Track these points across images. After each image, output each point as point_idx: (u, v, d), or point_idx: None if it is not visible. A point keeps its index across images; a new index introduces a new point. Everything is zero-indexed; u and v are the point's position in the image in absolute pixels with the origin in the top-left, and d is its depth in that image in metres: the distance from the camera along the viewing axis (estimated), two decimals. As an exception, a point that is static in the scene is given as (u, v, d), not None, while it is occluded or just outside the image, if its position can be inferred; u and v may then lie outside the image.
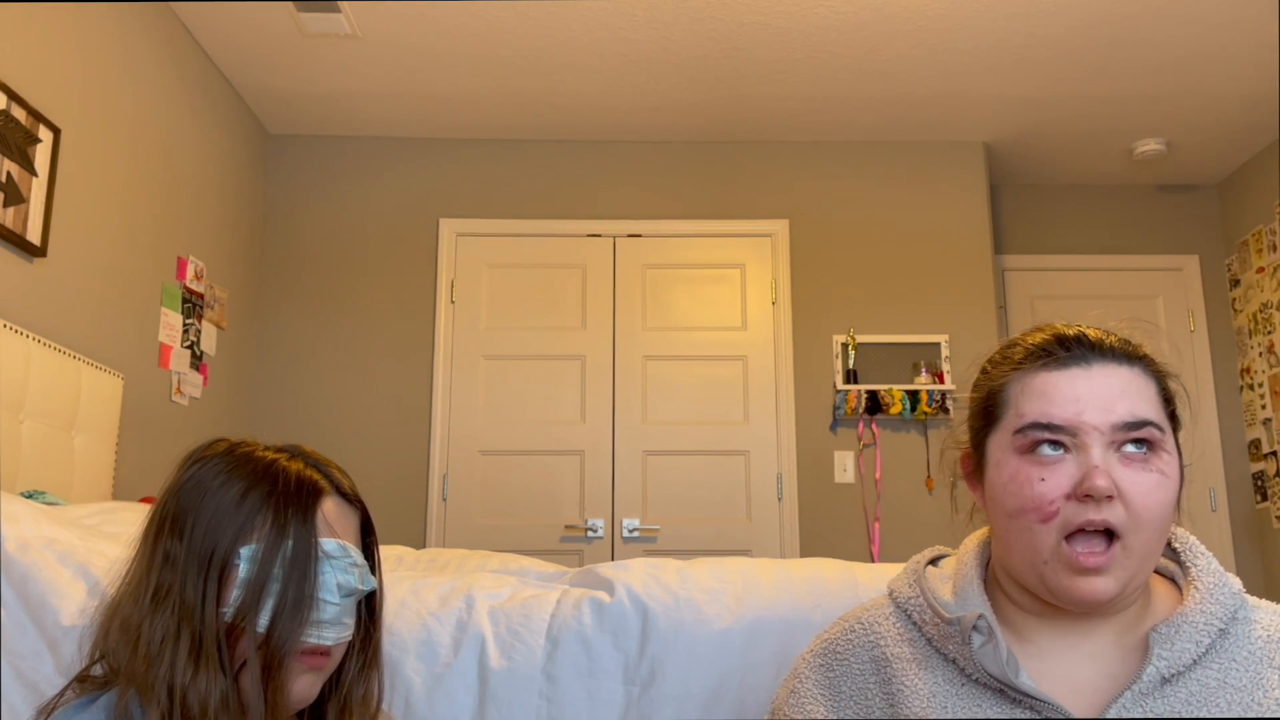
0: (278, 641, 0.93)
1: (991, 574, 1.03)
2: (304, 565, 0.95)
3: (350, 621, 0.99)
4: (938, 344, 4.29)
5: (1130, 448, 0.91)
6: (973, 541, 1.07)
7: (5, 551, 1.33)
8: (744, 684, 1.30)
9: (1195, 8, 3.43)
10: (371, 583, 1.02)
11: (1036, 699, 0.91)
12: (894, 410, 4.18)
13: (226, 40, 3.69)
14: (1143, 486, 0.90)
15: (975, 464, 1.02)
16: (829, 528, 4.15)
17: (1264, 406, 4.47)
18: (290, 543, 0.96)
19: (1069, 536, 0.90)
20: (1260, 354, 4.50)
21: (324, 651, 0.98)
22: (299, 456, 1.04)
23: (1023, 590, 0.97)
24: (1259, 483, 4.51)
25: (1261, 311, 4.49)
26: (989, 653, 0.94)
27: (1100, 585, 0.89)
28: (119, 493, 3.04)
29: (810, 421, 4.25)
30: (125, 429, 3.13)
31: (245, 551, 0.95)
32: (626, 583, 1.37)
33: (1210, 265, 4.80)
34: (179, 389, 3.54)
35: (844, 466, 4.21)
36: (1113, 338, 0.97)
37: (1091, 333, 0.97)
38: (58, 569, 1.34)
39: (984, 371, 1.03)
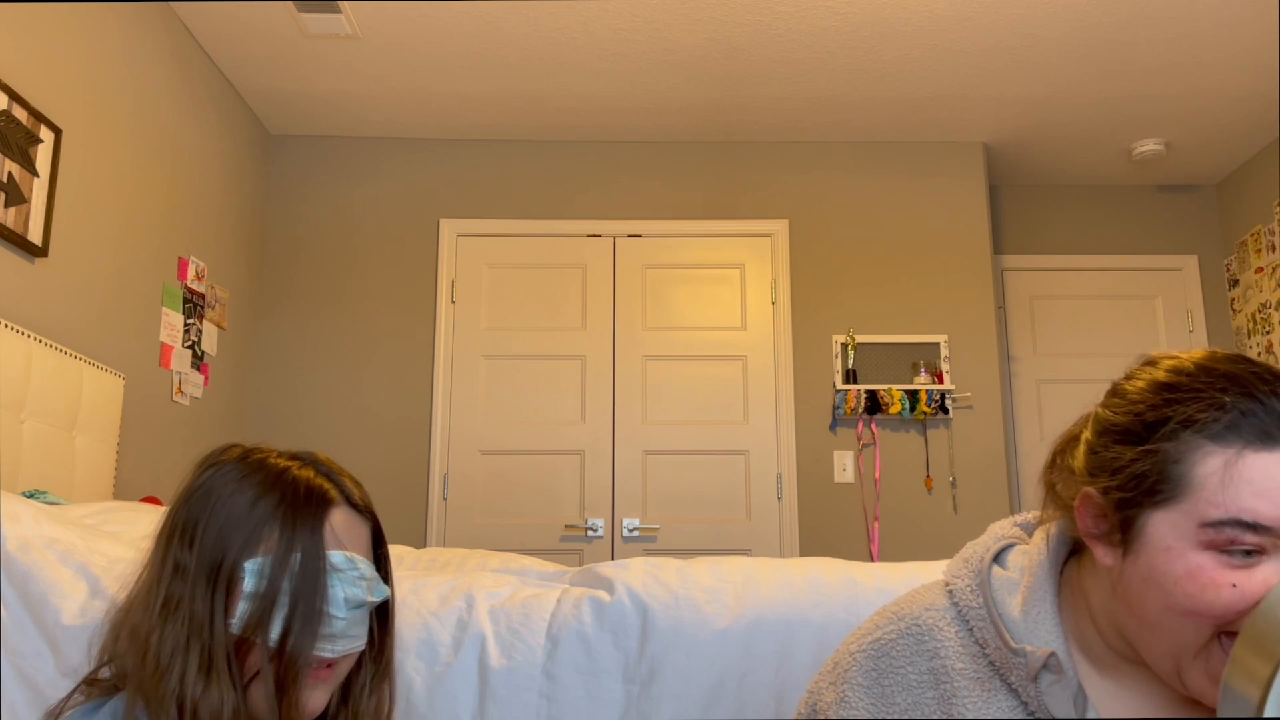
0: (291, 656, 0.93)
1: (1072, 586, 0.91)
2: (313, 579, 0.95)
3: (360, 633, 0.99)
4: (937, 344, 4.29)
5: None
6: (1043, 542, 0.94)
7: (6, 551, 1.34)
8: (743, 683, 1.30)
9: (1195, 8, 3.43)
10: (382, 593, 1.00)
11: None
12: (893, 410, 4.18)
13: (227, 41, 3.70)
14: None
15: (1113, 525, 0.85)
16: (828, 527, 4.16)
17: (1263, 406, 4.47)
18: (298, 555, 0.95)
19: (1223, 634, 0.78)
20: (1259, 354, 4.50)
21: (331, 664, 0.98)
22: (310, 465, 1.03)
23: (1125, 641, 0.86)
24: (1258, 483, 4.51)
25: (1260, 312, 4.49)
26: (1057, 694, 0.84)
27: None
28: (120, 492, 3.04)
29: (810, 421, 4.25)
30: (126, 429, 3.13)
31: (251, 565, 0.94)
32: (626, 582, 1.37)
33: (1209, 265, 4.80)
34: (180, 389, 3.54)
35: (843, 466, 4.21)
36: None
37: None
38: (59, 569, 1.34)
39: (1146, 424, 0.82)
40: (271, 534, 0.96)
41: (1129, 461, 0.82)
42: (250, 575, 0.94)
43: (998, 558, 0.97)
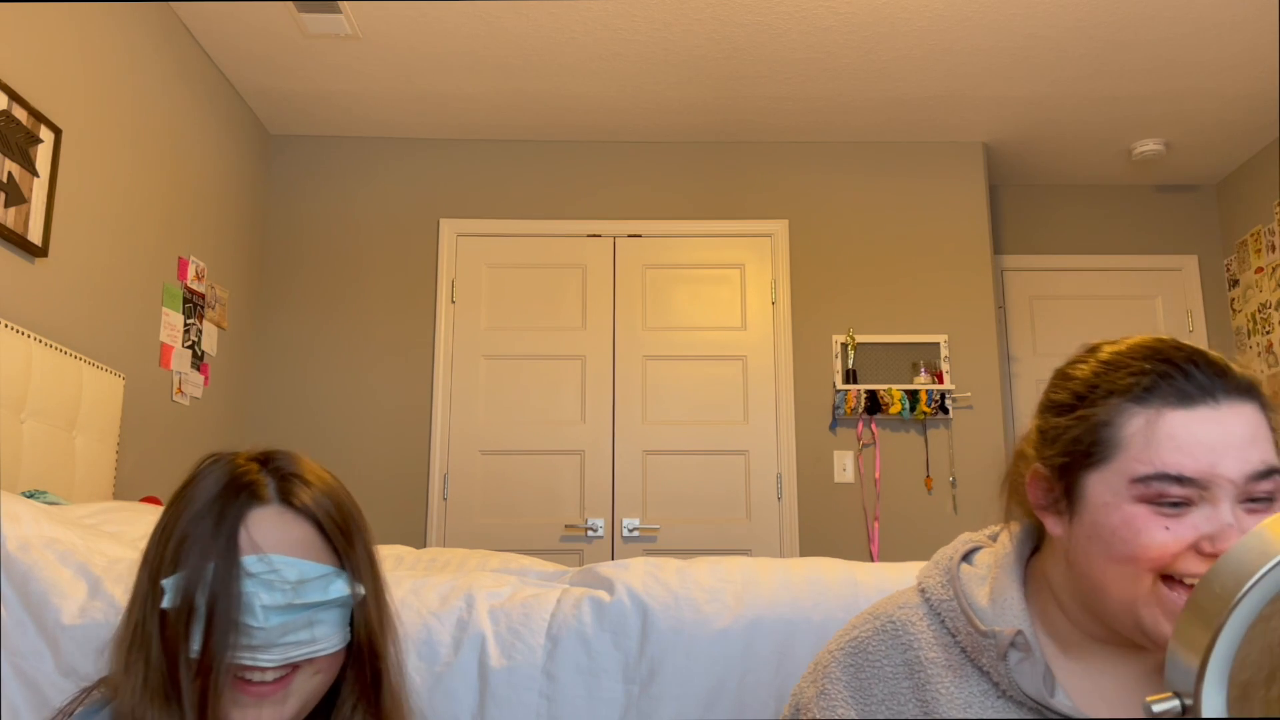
0: (208, 668, 0.90)
1: (1036, 576, 0.97)
2: (224, 586, 0.91)
3: (305, 639, 0.94)
4: (937, 344, 4.29)
5: (1254, 498, 0.84)
6: (1009, 539, 1.01)
7: (6, 551, 1.34)
8: (743, 683, 1.30)
9: (1195, 8, 3.43)
10: (330, 593, 0.95)
11: (1074, 718, 0.88)
12: (893, 410, 4.18)
13: (227, 41, 3.70)
14: None
15: (1058, 494, 0.92)
16: (828, 527, 4.16)
17: (1263, 406, 4.47)
18: (212, 564, 0.91)
19: (1165, 578, 0.84)
20: (1259, 354, 4.50)
21: (270, 679, 0.93)
22: (263, 461, 1.00)
23: (1087, 613, 0.92)
24: (1258, 483, 4.51)
25: (1260, 312, 4.49)
26: (1025, 671, 0.89)
27: None
28: (120, 492, 3.04)
29: (810, 421, 4.25)
30: (126, 429, 3.13)
31: (167, 583, 0.92)
32: (626, 582, 1.37)
33: (1209, 265, 4.80)
34: (180, 389, 3.54)
35: (843, 466, 4.21)
36: (1232, 365, 0.88)
37: (1214, 359, 0.87)
38: (59, 568, 1.34)
39: (1078, 396, 0.91)
40: (187, 550, 0.93)
41: (1064, 429, 0.91)
42: (168, 591, 0.92)
43: (966, 558, 1.03)
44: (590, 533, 4.14)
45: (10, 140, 2.55)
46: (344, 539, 1.00)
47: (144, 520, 1.84)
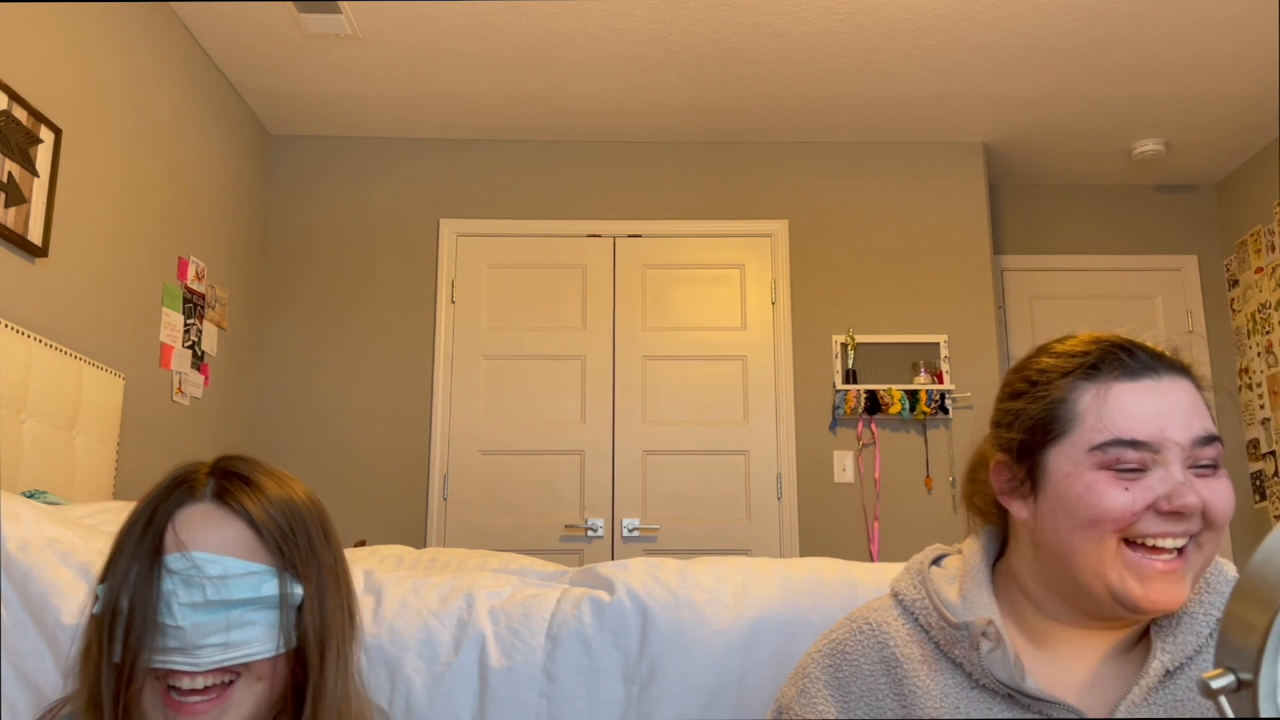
0: (128, 672, 0.87)
1: (1003, 575, 1.02)
2: (144, 584, 0.88)
3: (231, 642, 0.89)
4: (937, 344, 4.29)
5: (1200, 464, 0.91)
6: (973, 542, 1.07)
7: (6, 551, 1.34)
8: (743, 683, 1.30)
9: (1195, 8, 3.43)
10: (262, 590, 0.91)
11: (1046, 701, 0.91)
12: (893, 410, 4.18)
13: (227, 41, 3.70)
14: (1221, 495, 0.90)
15: (1020, 477, 0.98)
16: (828, 527, 4.16)
17: (1262, 406, 4.48)
18: (135, 566, 0.89)
19: (1127, 542, 0.90)
20: (1259, 354, 4.50)
21: (200, 686, 0.89)
22: (214, 465, 0.97)
23: (1055, 597, 0.96)
24: (1257, 482, 4.51)
25: (1260, 312, 4.49)
26: (997, 659, 0.93)
27: (1179, 592, 0.90)
28: (120, 492, 3.04)
29: (810, 421, 4.25)
30: (126, 429, 3.13)
31: (100, 588, 0.91)
32: (626, 582, 1.37)
33: (1209, 265, 4.80)
34: (180, 389, 3.54)
35: (843, 466, 4.21)
36: (1166, 349, 0.96)
37: (1145, 346, 0.96)
38: (59, 569, 1.34)
39: (1031, 382, 0.98)
40: (116, 554, 0.92)
41: (1020, 411, 0.98)
42: (100, 597, 0.90)
43: (936, 563, 1.09)
44: (590, 533, 4.14)
45: (10, 140, 2.55)
46: (284, 539, 0.95)
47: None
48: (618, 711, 1.30)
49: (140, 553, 0.90)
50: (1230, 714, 0.66)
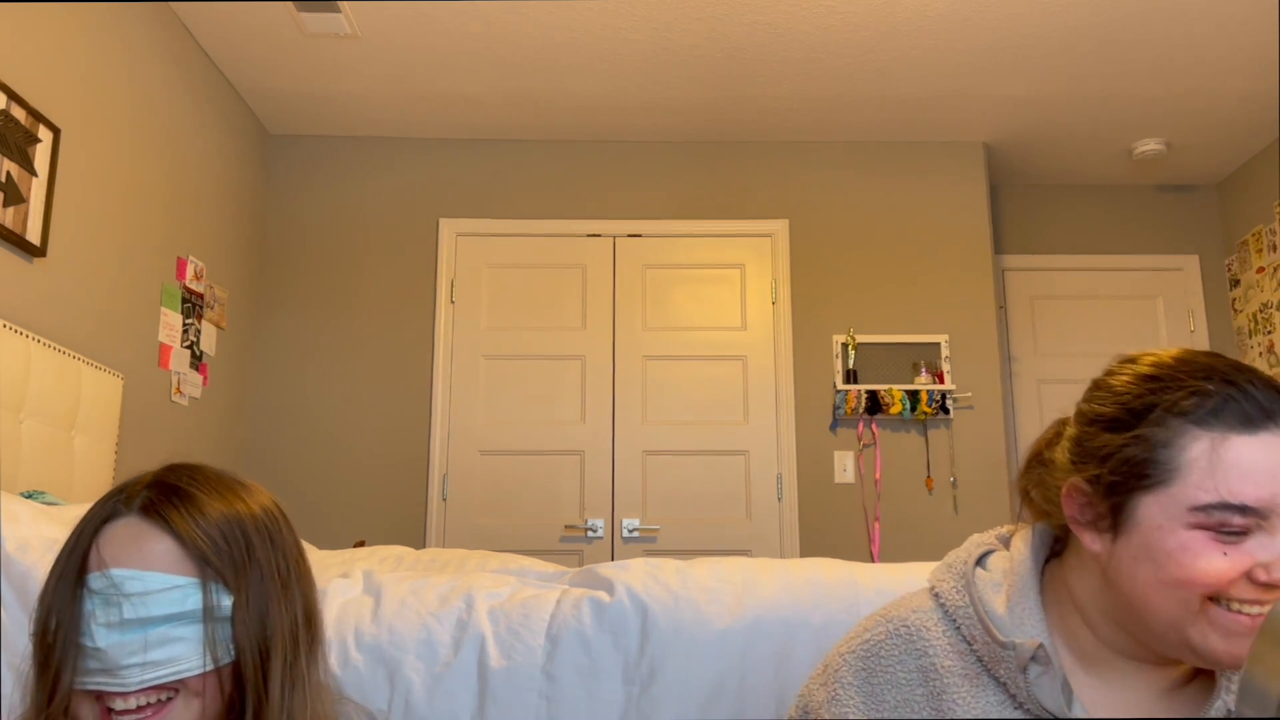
0: (52, 693, 0.85)
1: (1055, 586, 0.95)
2: (67, 607, 0.87)
3: (156, 660, 0.86)
4: (938, 344, 4.29)
5: None
6: (1024, 545, 0.98)
7: (5, 551, 1.33)
8: (743, 684, 1.30)
9: (1195, 8, 3.43)
10: (185, 605, 0.87)
11: None
12: (894, 410, 4.17)
13: (226, 40, 3.69)
14: None
15: (1102, 512, 0.89)
16: (829, 528, 4.15)
17: (1264, 406, 4.47)
18: (61, 586, 0.88)
19: (1211, 599, 0.83)
20: (1260, 354, 4.50)
21: (134, 706, 0.86)
22: (152, 476, 0.95)
23: (1119, 631, 0.90)
24: (1259, 483, 4.51)
25: (1261, 311, 4.49)
26: (1045, 685, 0.87)
27: (1248, 647, 0.82)
28: (119, 493, 3.03)
29: (810, 421, 4.25)
30: (125, 429, 3.13)
31: (32, 613, 0.90)
32: (626, 582, 1.37)
33: (1210, 265, 4.80)
34: (179, 389, 3.54)
35: (844, 466, 4.20)
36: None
37: (1269, 380, 0.85)
38: (58, 569, 1.34)
39: (1133, 413, 0.87)
40: (53, 570, 0.90)
41: (1118, 448, 0.87)
42: (34, 619, 0.89)
43: (980, 562, 1.00)
44: (590, 533, 4.13)
45: (9, 140, 2.55)
46: (213, 549, 0.90)
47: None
48: (618, 712, 1.29)
49: (67, 571, 0.88)
50: None
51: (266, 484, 1.03)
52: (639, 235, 4.41)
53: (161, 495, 0.92)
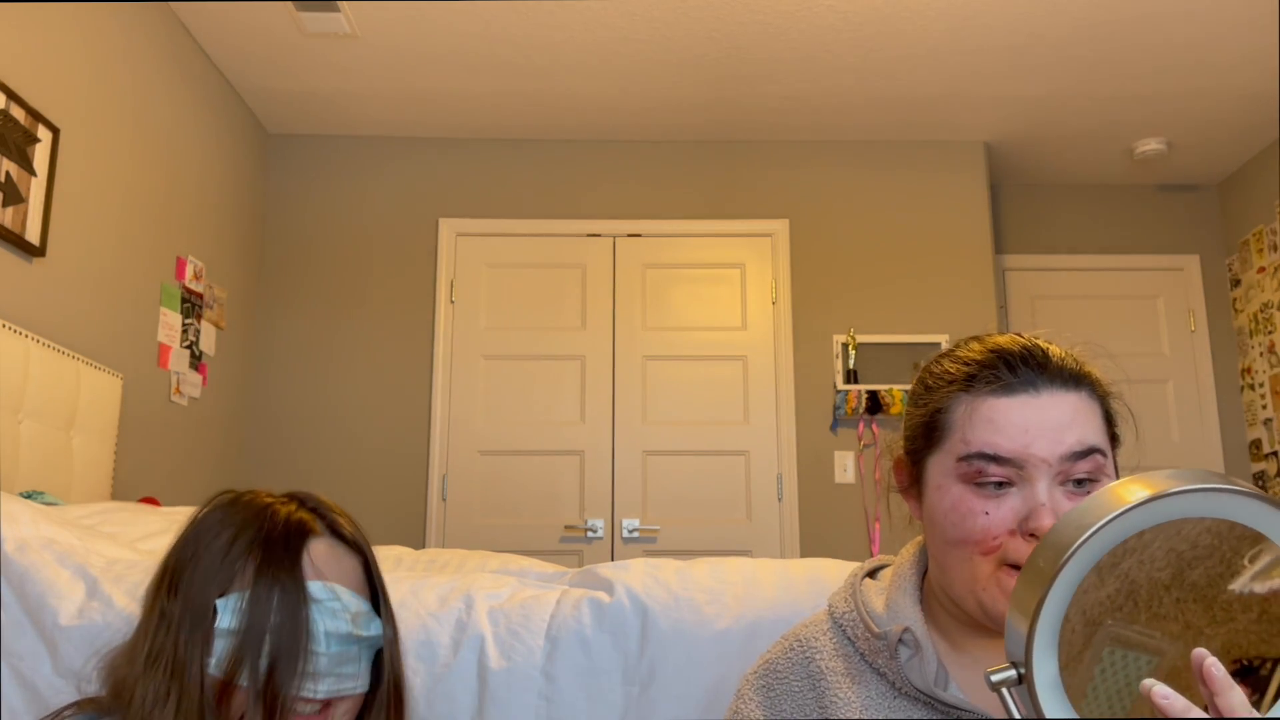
0: (275, 693, 0.88)
1: (929, 583, 1.01)
2: (292, 612, 0.90)
3: (351, 674, 0.94)
4: (938, 344, 4.28)
5: (1076, 479, 0.89)
6: (910, 549, 1.06)
7: (4, 551, 1.33)
8: (744, 684, 1.29)
9: (1195, 8, 3.43)
10: (374, 628, 0.96)
11: (963, 709, 0.90)
12: (894, 410, 4.17)
13: (226, 40, 3.69)
14: None
15: (912, 478, 0.99)
16: (829, 528, 4.15)
17: (1265, 406, 4.47)
18: (276, 589, 0.91)
19: (1010, 565, 0.89)
20: (1261, 354, 4.49)
21: (323, 711, 0.92)
22: (297, 499, 1.00)
23: (957, 605, 0.96)
24: (1260, 483, 4.51)
25: (1262, 311, 4.48)
26: (915, 666, 0.93)
27: None
28: (118, 493, 3.04)
29: (810, 421, 4.25)
30: (124, 429, 3.12)
31: (223, 603, 0.91)
32: (626, 583, 1.36)
33: (1211, 265, 4.80)
34: (178, 389, 3.54)
35: (844, 466, 4.20)
36: (1061, 356, 0.94)
37: (1040, 350, 0.94)
38: (56, 569, 1.34)
39: (926, 386, 0.98)
40: (246, 569, 0.92)
41: (911, 416, 1.00)
42: (224, 612, 0.90)
43: (873, 574, 1.08)
44: (590, 534, 4.13)
45: (8, 139, 2.55)
46: (380, 577, 1.01)
47: (142, 521, 1.83)
48: (617, 712, 1.29)
49: (277, 575, 0.92)
50: (1015, 711, 0.65)
51: (265, 484, 1.05)
52: (639, 235, 4.41)
53: (338, 519, 0.98)
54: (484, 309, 4.35)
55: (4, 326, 2.45)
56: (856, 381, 4.23)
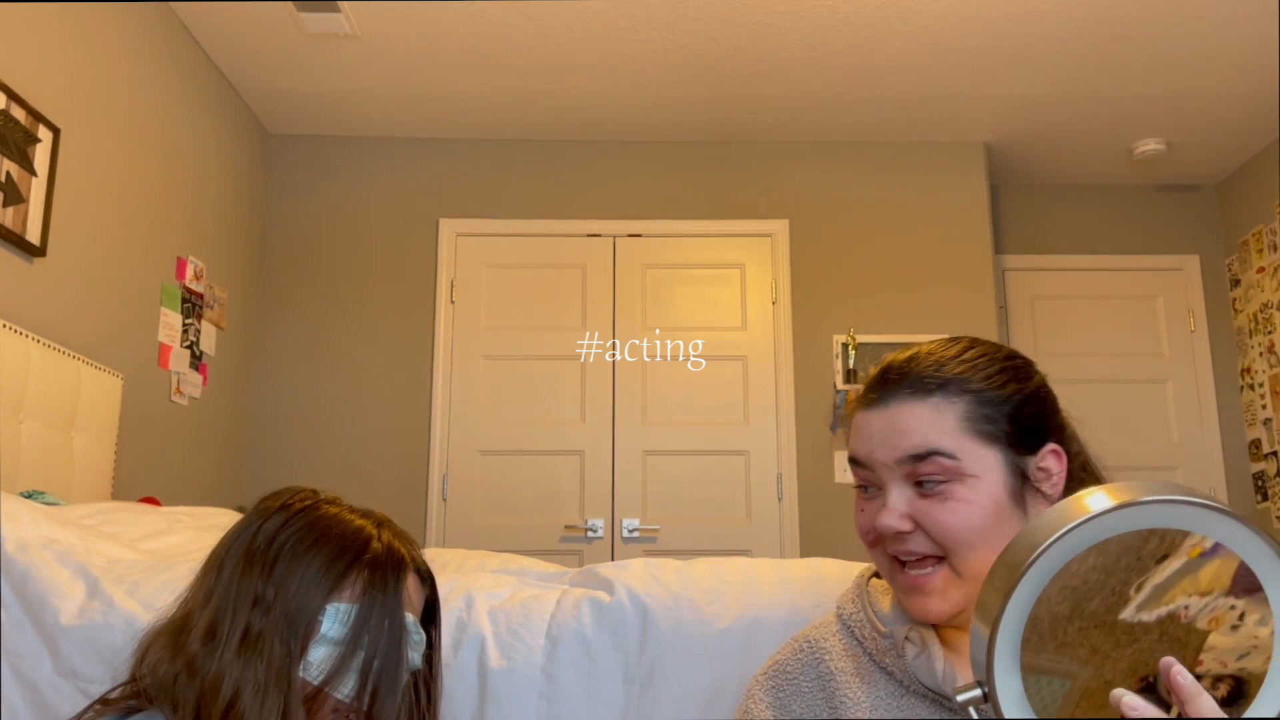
0: (378, 713, 0.91)
1: None
2: (397, 641, 0.94)
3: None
4: (938, 344, 4.28)
5: (919, 480, 0.95)
6: None
7: (5, 551, 1.33)
8: (743, 684, 1.29)
9: (1195, 8, 3.43)
10: (416, 662, 1.00)
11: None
12: (894, 410, 4.17)
13: (226, 40, 3.69)
14: (937, 518, 0.94)
15: None
16: (829, 528, 4.15)
17: (1264, 406, 4.47)
18: (386, 618, 0.94)
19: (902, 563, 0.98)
20: (1260, 354, 4.49)
21: None
22: (386, 526, 1.04)
23: None
24: (1259, 483, 4.51)
25: (1262, 311, 4.48)
26: (923, 664, 0.96)
27: (932, 605, 0.95)
28: (118, 493, 3.04)
29: (810, 421, 4.25)
30: (125, 429, 3.12)
31: (332, 609, 0.91)
32: (626, 582, 1.37)
33: (1210, 265, 4.80)
34: (179, 389, 3.54)
35: (844, 466, 4.20)
36: (924, 368, 0.99)
37: (899, 366, 1.01)
38: (57, 569, 1.34)
39: (850, 402, 1.09)
40: (355, 585, 0.94)
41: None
42: (332, 620, 0.91)
43: (878, 575, 1.12)
44: (590, 533, 4.13)
45: (8, 140, 2.55)
46: (439, 609, 1.09)
47: (142, 521, 1.84)
48: (617, 712, 1.29)
49: (386, 603, 0.95)
50: None
51: (265, 484, 1.05)
52: (639, 235, 4.41)
53: (417, 553, 1.04)
54: (484, 309, 4.35)
55: (4, 326, 2.45)
56: (856, 381, 4.23)
